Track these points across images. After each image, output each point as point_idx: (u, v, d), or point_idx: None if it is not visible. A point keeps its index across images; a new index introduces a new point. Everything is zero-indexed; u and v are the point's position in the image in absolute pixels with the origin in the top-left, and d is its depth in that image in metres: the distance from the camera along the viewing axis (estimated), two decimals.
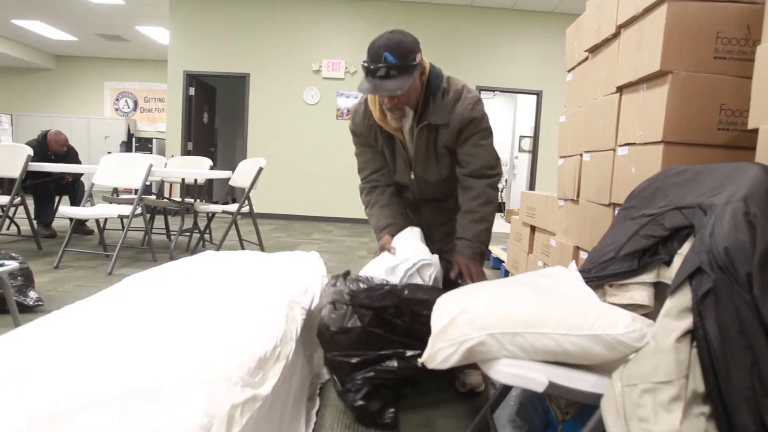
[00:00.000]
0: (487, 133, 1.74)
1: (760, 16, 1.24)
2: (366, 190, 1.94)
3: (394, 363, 1.44)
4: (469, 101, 1.67)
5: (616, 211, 1.53)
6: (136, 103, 10.83)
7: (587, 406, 1.02)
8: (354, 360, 1.44)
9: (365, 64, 1.50)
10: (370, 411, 1.44)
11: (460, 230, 1.74)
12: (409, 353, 1.44)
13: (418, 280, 1.56)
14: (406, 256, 1.59)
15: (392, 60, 1.46)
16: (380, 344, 1.44)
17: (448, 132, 1.71)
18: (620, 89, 1.82)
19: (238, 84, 7.24)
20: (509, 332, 0.94)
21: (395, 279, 1.53)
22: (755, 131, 1.19)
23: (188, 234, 4.37)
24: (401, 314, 1.44)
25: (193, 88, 7.01)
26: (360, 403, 1.44)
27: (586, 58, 2.21)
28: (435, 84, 1.64)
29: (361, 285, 1.48)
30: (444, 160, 1.80)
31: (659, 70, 1.52)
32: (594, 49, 2.10)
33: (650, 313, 1.06)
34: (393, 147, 1.82)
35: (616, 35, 1.87)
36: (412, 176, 1.86)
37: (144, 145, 9.57)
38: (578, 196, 2.18)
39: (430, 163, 1.80)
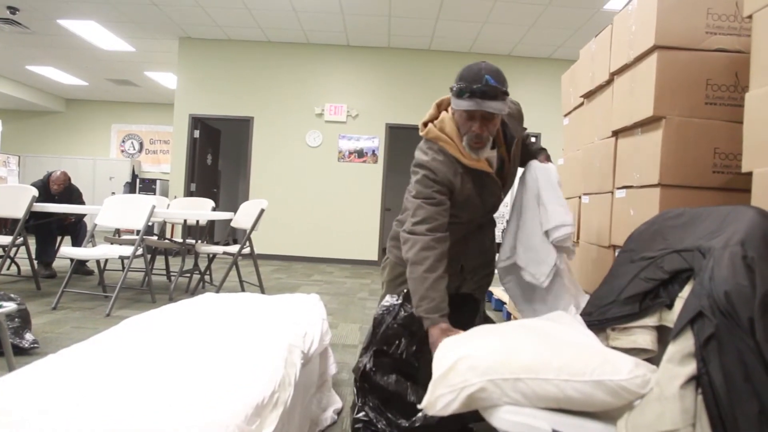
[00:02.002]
0: None
1: (747, 64, 1.29)
2: (426, 245, 1.55)
3: None
4: (514, 102, 1.77)
5: (617, 253, 1.54)
6: (141, 144, 11.04)
7: None
8: None
9: (462, 85, 1.48)
10: None
11: (528, 149, 1.89)
12: None
13: None
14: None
15: (493, 83, 1.45)
16: None
17: (518, 135, 1.77)
18: (616, 133, 1.86)
19: (242, 126, 7.39)
20: (511, 378, 0.93)
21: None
22: (749, 174, 1.21)
23: (188, 275, 4.35)
24: None
25: (198, 131, 7.16)
26: None
27: (582, 103, 2.27)
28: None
29: None
30: (516, 167, 1.82)
31: (653, 116, 1.56)
32: (589, 95, 2.16)
33: (653, 357, 1.04)
34: (485, 187, 1.68)
35: (609, 82, 1.93)
36: (494, 204, 1.77)
37: (148, 186, 9.68)
38: (578, 238, 2.19)
39: (512, 175, 1.79)
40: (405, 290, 1.61)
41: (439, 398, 0.97)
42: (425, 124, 1.65)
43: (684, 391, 0.80)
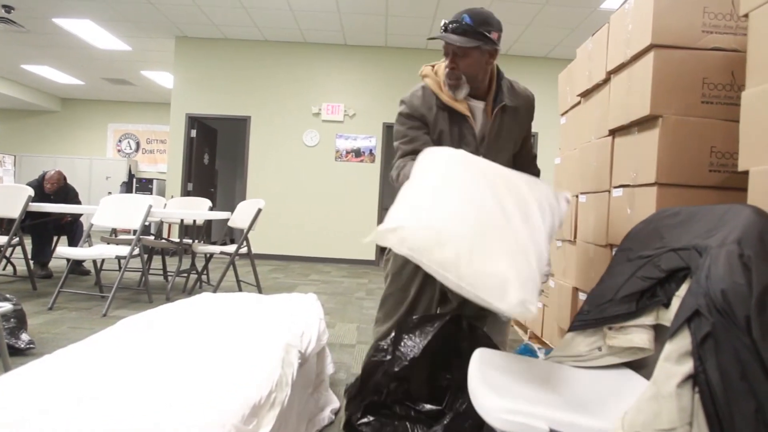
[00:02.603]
0: None
1: (743, 63, 1.29)
2: (403, 164, 1.70)
3: None
4: (526, 89, 1.81)
5: (614, 252, 1.54)
6: (138, 144, 11.00)
7: None
8: None
9: (442, 22, 1.59)
10: None
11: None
12: None
13: None
14: None
15: (468, 21, 1.54)
16: None
17: (519, 119, 1.77)
18: (612, 132, 1.87)
19: (238, 126, 7.38)
20: (425, 262, 1.15)
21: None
22: (746, 173, 1.22)
23: (185, 275, 4.34)
24: None
25: (195, 130, 7.14)
26: None
27: (579, 102, 2.27)
28: (501, 73, 1.75)
29: None
30: (509, 147, 1.80)
31: (649, 114, 1.56)
32: (586, 94, 2.17)
33: (650, 356, 1.04)
34: (460, 130, 1.73)
35: (606, 81, 1.94)
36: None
37: (144, 185, 9.65)
38: (575, 237, 2.19)
39: (501, 148, 1.76)
40: (393, 335, 1.65)
41: (379, 241, 1.21)
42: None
43: (681, 389, 0.80)
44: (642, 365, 1.13)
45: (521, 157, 1.87)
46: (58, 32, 6.76)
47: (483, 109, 1.72)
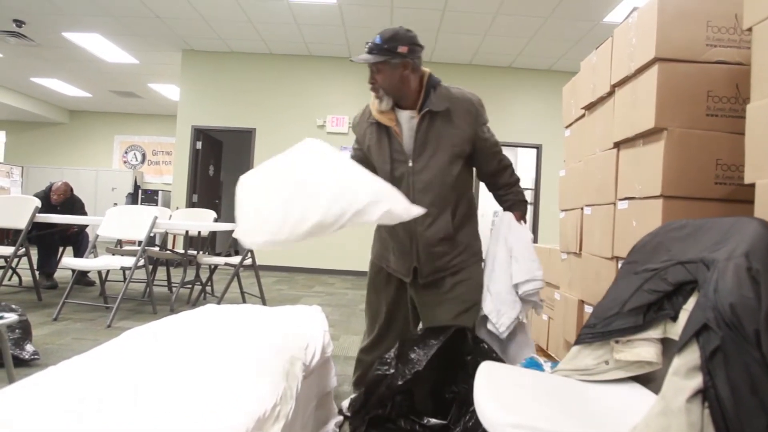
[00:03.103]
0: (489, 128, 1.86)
1: (748, 76, 1.29)
2: None
3: None
4: (468, 92, 1.84)
5: (620, 265, 1.53)
6: (144, 155, 11.09)
7: None
8: None
9: None
10: None
11: (506, 198, 1.93)
12: None
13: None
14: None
15: (377, 40, 1.70)
16: None
17: (454, 122, 1.76)
18: (617, 145, 1.87)
19: (244, 138, 7.43)
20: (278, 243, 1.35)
21: None
22: (752, 185, 1.21)
23: (190, 286, 4.34)
24: None
25: (200, 142, 7.20)
26: None
27: (583, 115, 2.27)
28: (434, 81, 1.81)
29: None
30: (445, 151, 1.76)
31: (654, 127, 1.56)
32: (590, 107, 2.17)
33: (658, 370, 1.03)
34: (389, 140, 1.80)
35: (610, 93, 1.94)
36: (410, 165, 1.78)
37: (150, 197, 9.70)
38: (581, 249, 2.18)
39: (433, 153, 1.76)
40: (397, 347, 1.66)
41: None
42: None
43: (690, 404, 0.79)
44: (649, 379, 1.11)
45: (485, 167, 1.89)
46: (68, 46, 6.86)
47: (410, 117, 1.78)
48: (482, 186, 2.08)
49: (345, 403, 1.95)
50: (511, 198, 1.92)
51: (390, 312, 1.95)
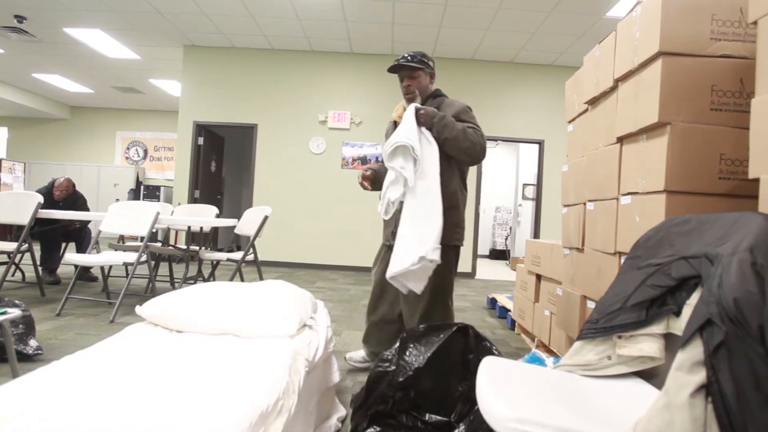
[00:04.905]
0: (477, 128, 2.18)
1: (752, 70, 1.28)
2: None
3: None
4: (460, 101, 2.27)
5: (622, 260, 1.53)
6: (146, 151, 11.09)
7: None
8: None
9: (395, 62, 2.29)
10: None
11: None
12: None
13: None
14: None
15: (413, 54, 2.28)
16: None
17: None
18: (620, 140, 1.86)
19: (245, 134, 7.43)
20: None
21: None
22: (756, 180, 1.21)
23: (192, 281, 4.35)
24: None
25: (202, 138, 7.19)
26: None
27: (586, 110, 2.26)
28: (438, 93, 2.36)
29: None
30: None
31: (658, 122, 1.55)
32: (593, 102, 2.16)
33: (661, 365, 1.03)
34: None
35: (614, 88, 1.93)
36: None
37: (152, 192, 9.72)
38: (583, 244, 2.17)
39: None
40: (398, 344, 1.68)
41: None
42: None
43: (694, 399, 0.79)
44: (652, 375, 1.11)
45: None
46: (69, 42, 6.85)
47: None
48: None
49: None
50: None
51: (381, 280, 2.30)
